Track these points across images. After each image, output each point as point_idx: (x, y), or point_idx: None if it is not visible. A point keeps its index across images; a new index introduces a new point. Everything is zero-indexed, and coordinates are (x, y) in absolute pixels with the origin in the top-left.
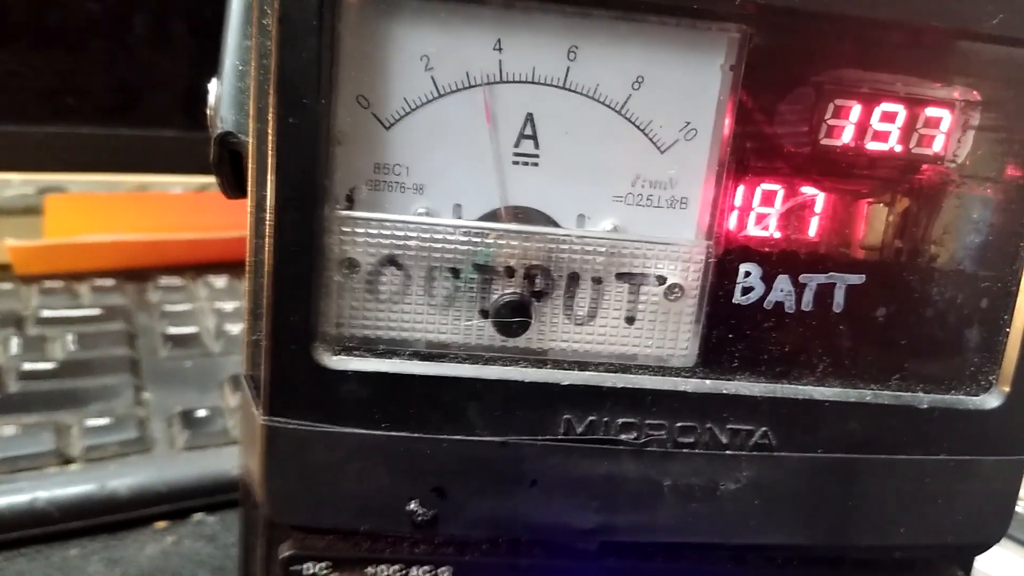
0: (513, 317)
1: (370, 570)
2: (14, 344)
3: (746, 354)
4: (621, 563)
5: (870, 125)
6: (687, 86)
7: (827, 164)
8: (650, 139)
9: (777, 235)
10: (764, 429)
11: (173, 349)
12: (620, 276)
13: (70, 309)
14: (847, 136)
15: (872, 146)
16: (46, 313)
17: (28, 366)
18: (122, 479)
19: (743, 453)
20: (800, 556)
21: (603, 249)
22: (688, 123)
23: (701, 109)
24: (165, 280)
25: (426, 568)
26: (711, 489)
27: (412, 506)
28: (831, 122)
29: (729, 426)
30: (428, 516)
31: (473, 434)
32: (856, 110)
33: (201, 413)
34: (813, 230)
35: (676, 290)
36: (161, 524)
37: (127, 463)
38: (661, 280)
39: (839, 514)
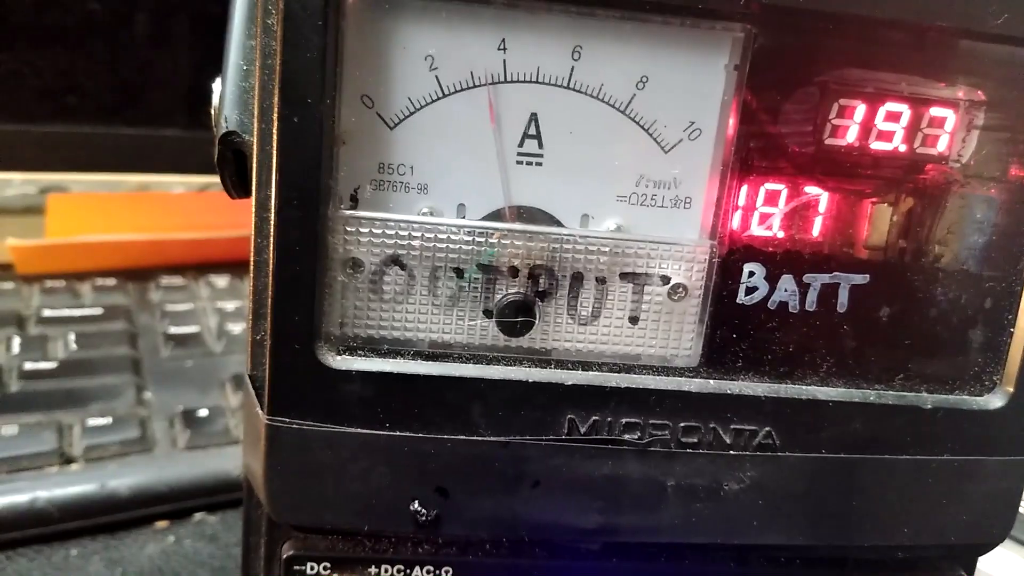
0: (517, 317)
1: (372, 570)
2: (15, 343)
3: (750, 354)
4: (624, 564)
5: (874, 125)
6: (691, 86)
7: (831, 164)
8: (654, 139)
9: (781, 235)
10: (768, 429)
11: (174, 349)
12: (624, 276)
13: (71, 309)
14: (851, 136)
15: (876, 146)
16: (47, 312)
17: (29, 365)
18: (123, 479)
19: (747, 453)
20: (803, 556)
21: (607, 249)
22: (692, 123)
23: (705, 109)
24: (166, 280)
25: (428, 568)
26: (714, 489)
27: (415, 506)
28: (835, 122)
29: (733, 426)
30: (431, 516)
31: (476, 434)
32: (860, 110)
33: (202, 413)
34: (817, 230)
35: (680, 290)
36: (162, 524)
37: (128, 463)
38: (665, 280)
39: (842, 514)
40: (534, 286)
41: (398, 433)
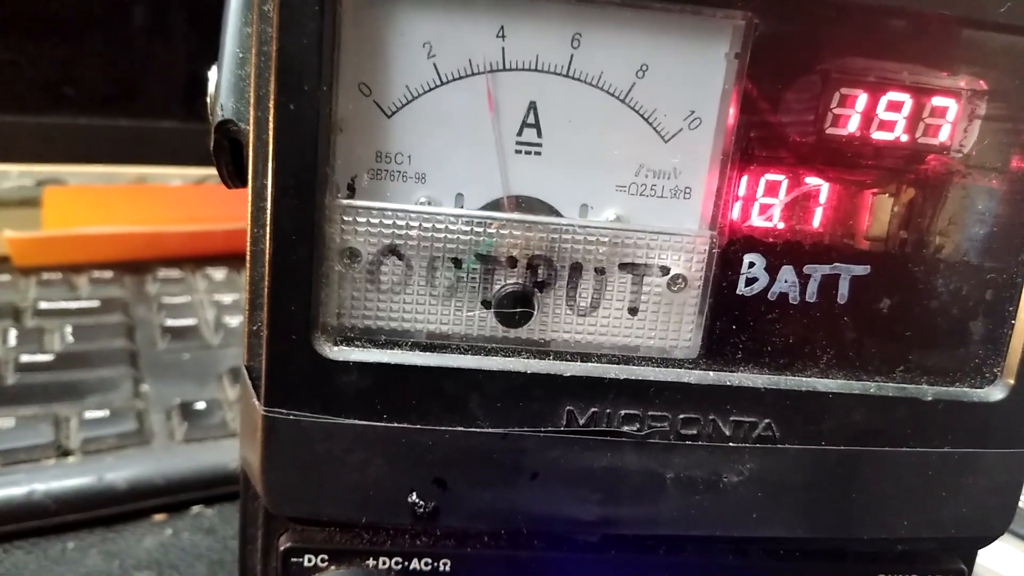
0: (515, 308)
1: (370, 562)
2: (12, 336)
3: (750, 345)
4: (623, 555)
5: (876, 114)
6: (692, 74)
7: (832, 154)
8: (654, 128)
9: (781, 225)
10: (767, 421)
11: (172, 341)
12: (623, 266)
13: (68, 301)
14: (852, 126)
15: (878, 136)
16: (44, 305)
17: (26, 358)
18: (120, 471)
19: (746, 445)
20: (803, 549)
21: (606, 239)
22: (692, 112)
23: (706, 98)
24: (164, 272)
25: (426, 560)
26: (714, 481)
27: (412, 498)
28: (836, 111)
29: (732, 418)
30: (428, 508)
31: (474, 426)
32: (862, 99)
33: (200, 405)
34: (818, 221)
35: (679, 281)
36: (159, 516)
37: (125, 455)
38: (664, 270)
39: (842, 507)
40: (533, 277)
41: (395, 424)
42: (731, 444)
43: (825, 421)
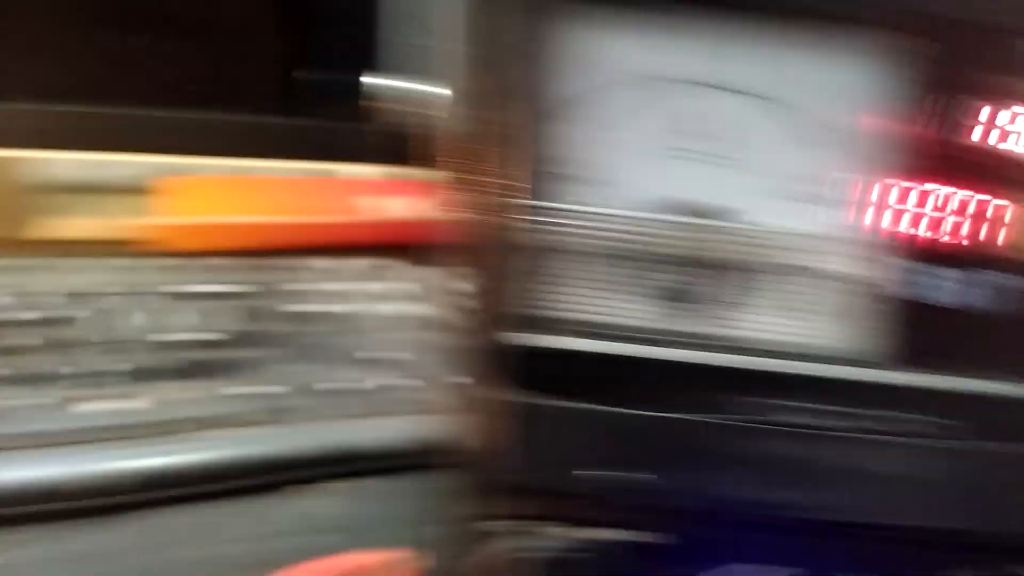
0: (681, 303)
1: (576, 533)
2: (143, 318)
3: (908, 348)
4: (803, 541)
5: None
6: (844, 86)
7: (991, 168)
8: (808, 136)
9: (939, 235)
10: (933, 421)
11: (312, 326)
12: (785, 268)
13: (199, 285)
14: (1008, 142)
15: None
16: (174, 288)
17: (159, 337)
18: (258, 446)
19: (914, 442)
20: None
21: (765, 242)
22: (847, 121)
23: (860, 109)
24: (306, 261)
25: (633, 533)
26: (884, 474)
27: (622, 475)
28: (988, 126)
29: (902, 416)
30: (641, 487)
31: (680, 411)
32: (1015, 116)
33: (338, 386)
34: (974, 231)
35: (840, 283)
36: (297, 490)
37: (264, 431)
38: (824, 274)
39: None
40: (699, 275)
41: (592, 406)
42: (898, 440)
43: (994, 423)
